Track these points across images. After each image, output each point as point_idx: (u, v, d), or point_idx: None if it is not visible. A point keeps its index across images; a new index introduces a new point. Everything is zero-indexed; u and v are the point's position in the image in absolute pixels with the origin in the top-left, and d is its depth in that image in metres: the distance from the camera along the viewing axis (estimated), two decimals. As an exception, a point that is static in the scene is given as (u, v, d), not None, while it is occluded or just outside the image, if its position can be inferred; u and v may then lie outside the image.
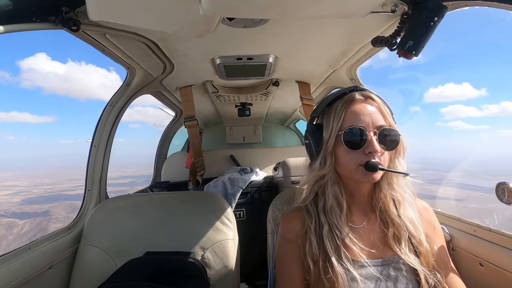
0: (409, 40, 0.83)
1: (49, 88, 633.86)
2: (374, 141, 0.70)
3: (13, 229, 51.85)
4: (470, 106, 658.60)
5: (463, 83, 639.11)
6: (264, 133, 3.29)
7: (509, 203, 0.79)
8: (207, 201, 1.23)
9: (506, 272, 0.79)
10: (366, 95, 0.76)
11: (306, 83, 1.79)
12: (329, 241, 0.72)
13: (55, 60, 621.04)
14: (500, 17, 39.08)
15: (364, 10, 0.75)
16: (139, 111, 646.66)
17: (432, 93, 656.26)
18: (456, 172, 2.89)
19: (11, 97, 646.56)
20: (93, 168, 1.36)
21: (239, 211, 1.96)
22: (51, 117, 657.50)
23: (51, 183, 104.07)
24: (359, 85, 0.83)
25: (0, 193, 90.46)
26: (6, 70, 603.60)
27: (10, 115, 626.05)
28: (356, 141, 0.71)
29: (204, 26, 0.83)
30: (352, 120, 0.73)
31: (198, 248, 1.10)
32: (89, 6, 0.72)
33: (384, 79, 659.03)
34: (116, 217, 1.18)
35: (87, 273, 1.09)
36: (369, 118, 0.72)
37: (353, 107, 0.74)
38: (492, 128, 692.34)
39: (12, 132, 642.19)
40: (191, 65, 1.46)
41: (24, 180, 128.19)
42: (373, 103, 0.75)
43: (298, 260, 0.76)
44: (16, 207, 64.65)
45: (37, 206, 61.14)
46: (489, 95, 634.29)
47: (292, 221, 0.81)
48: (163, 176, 2.54)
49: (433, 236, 0.79)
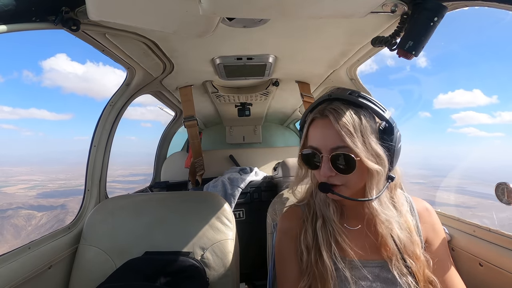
0: (409, 40, 0.83)
1: (68, 87, 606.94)
2: (324, 166, 0.67)
3: (31, 221, 52.29)
4: (482, 113, 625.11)
5: (474, 89, 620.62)
6: (264, 133, 3.29)
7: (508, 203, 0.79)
8: (207, 201, 1.22)
9: (506, 272, 0.79)
10: (327, 111, 0.68)
11: (306, 83, 1.79)
12: (322, 234, 0.74)
13: (74, 60, 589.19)
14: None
15: (364, 10, 0.75)
16: (151, 111, 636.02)
17: (441, 99, 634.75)
18: (468, 179, 2.87)
19: (32, 95, 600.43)
20: (93, 168, 1.36)
21: (238, 211, 1.96)
22: (68, 115, 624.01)
23: (65, 178, 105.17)
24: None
25: (17, 186, 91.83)
26: (30, 70, 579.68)
27: (29, 111, 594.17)
28: (311, 164, 0.72)
29: (204, 26, 0.83)
30: (310, 139, 0.72)
31: (197, 248, 1.10)
32: (89, 6, 0.72)
33: (387, 82, 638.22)
34: (116, 217, 1.18)
35: (86, 273, 1.09)
36: (324, 139, 0.69)
37: (313, 126, 0.72)
38: (507, 136, 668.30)
39: (29, 128, 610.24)
40: (191, 65, 1.46)
41: (40, 174, 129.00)
42: (333, 121, 0.66)
43: (296, 254, 0.78)
44: (33, 200, 65.46)
45: (52, 200, 62.03)
46: (500, 103, 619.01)
47: (291, 216, 0.83)
48: (163, 176, 2.54)
49: (434, 239, 0.79)
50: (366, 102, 0.69)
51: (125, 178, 71.78)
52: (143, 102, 33.56)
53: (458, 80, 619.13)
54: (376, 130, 0.69)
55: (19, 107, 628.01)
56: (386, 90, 47.67)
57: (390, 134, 0.69)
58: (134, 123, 35.78)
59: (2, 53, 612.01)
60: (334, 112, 0.67)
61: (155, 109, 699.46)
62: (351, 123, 0.66)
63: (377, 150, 0.66)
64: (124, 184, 59.44)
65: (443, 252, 0.78)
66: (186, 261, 1.00)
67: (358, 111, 0.68)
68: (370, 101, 0.69)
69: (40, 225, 53.35)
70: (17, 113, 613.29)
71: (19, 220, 51.40)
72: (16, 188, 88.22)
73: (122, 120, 1.47)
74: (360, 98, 0.69)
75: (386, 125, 0.69)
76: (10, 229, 53.06)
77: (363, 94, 0.71)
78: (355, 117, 0.66)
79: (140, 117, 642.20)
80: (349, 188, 0.70)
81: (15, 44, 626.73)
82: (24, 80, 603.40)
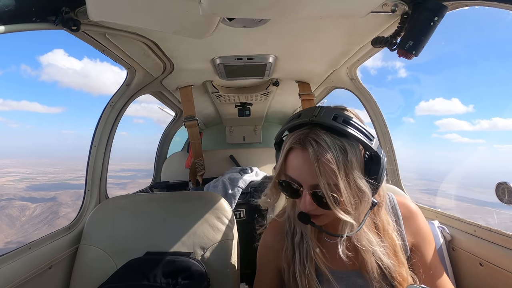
0: (409, 40, 0.83)
1: (65, 82, 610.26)
2: (305, 201, 0.63)
3: (25, 211, 52.44)
4: (463, 120, 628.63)
5: (452, 98, 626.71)
6: (264, 133, 3.29)
7: (509, 203, 0.79)
8: (207, 201, 1.22)
9: (506, 272, 0.79)
10: (308, 143, 0.61)
11: (306, 83, 1.79)
12: (299, 250, 0.74)
13: (71, 56, 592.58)
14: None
15: (364, 10, 0.74)
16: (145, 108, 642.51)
17: (422, 106, 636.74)
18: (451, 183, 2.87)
19: (26, 88, 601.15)
20: (93, 168, 1.36)
21: (239, 211, 1.96)
22: (60, 108, 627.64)
23: (54, 172, 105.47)
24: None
25: (5, 178, 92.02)
26: (28, 64, 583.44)
27: (21, 104, 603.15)
28: (289, 193, 0.67)
29: (204, 26, 0.83)
30: (289, 168, 0.65)
31: (198, 248, 1.10)
32: (89, 6, 0.72)
33: (383, 82, 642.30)
34: (116, 217, 1.18)
35: (87, 273, 1.09)
36: (304, 174, 0.62)
37: (291, 155, 0.65)
38: (488, 143, 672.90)
39: (16, 121, 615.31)
40: (191, 65, 1.46)
41: (28, 167, 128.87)
42: (312, 157, 0.59)
43: (275, 267, 0.81)
44: (24, 193, 65.70)
45: (43, 193, 62.44)
46: (476, 112, 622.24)
47: (274, 231, 0.83)
48: (163, 176, 2.54)
49: (420, 243, 0.76)
50: (352, 131, 0.61)
51: (116, 174, 71.62)
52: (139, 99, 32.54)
53: (438, 88, 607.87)
54: (361, 162, 0.63)
55: (10, 99, 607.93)
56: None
57: (376, 165, 0.63)
58: (126, 118, 34.75)
59: (2, 53, 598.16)
60: (316, 145, 0.60)
61: (148, 106, 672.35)
62: (335, 160, 0.59)
63: (361, 186, 0.61)
64: (115, 179, 59.58)
65: (431, 256, 0.75)
66: (186, 261, 1.01)
67: (342, 141, 0.61)
68: (356, 128, 0.62)
69: (35, 216, 53.54)
70: (8, 104, 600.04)
71: (13, 210, 51.70)
72: (4, 180, 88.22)
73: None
74: (346, 125, 0.61)
75: (373, 154, 0.63)
76: (5, 219, 53.18)
77: (348, 118, 0.63)
78: (339, 152, 0.59)
79: (134, 113, 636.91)
80: (329, 217, 0.67)
81: (15, 43, 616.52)
82: (22, 74, 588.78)
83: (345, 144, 0.61)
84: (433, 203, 1.33)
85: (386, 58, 31.32)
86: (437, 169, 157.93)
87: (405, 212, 0.78)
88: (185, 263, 1.00)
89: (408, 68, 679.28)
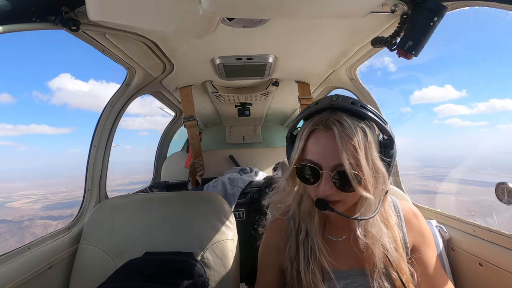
0: (409, 40, 0.83)
1: (74, 104, 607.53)
2: (325, 184, 0.63)
3: (48, 229, 52.93)
4: (460, 105, 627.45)
5: (445, 85, 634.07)
6: (264, 133, 3.29)
7: (509, 203, 0.79)
8: (207, 201, 1.22)
9: (505, 272, 0.79)
10: (331, 122, 0.63)
11: (306, 83, 1.79)
12: (304, 247, 0.73)
13: (78, 79, 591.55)
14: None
15: (364, 10, 0.75)
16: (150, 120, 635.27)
17: (416, 95, 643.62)
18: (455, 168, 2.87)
19: (36, 112, 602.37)
20: (92, 168, 1.36)
21: (238, 211, 1.95)
22: (69, 128, 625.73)
23: (66, 190, 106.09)
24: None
25: (20, 201, 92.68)
26: (39, 90, 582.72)
27: (29, 127, 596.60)
28: (309, 179, 0.66)
29: (204, 26, 0.83)
30: (309, 152, 0.66)
31: (197, 248, 1.10)
32: (89, 6, 0.72)
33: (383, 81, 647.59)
34: (116, 217, 1.18)
35: (86, 273, 1.09)
36: (326, 155, 0.63)
37: (313, 137, 0.66)
38: (491, 124, 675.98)
39: (25, 144, 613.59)
40: (191, 65, 1.46)
41: (40, 188, 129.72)
42: (337, 135, 0.61)
43: (277, 266, 0.80)
44: (42, 212, 66.18)
45: (60, 211, 62.94)
46: (469, 96, 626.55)
47: (277, 230, 0.83)
48: (163, 176, 2.54)
49: (421, 244, 0.76)
50: (370, 113, 0.65)
51: (125, 187, 72.65)
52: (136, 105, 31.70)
53: (429, 76, 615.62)
54: (377, 144, 0.66)
55: (19, 124, 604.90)
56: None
57: (390, 148, 0.67)
58: (131, 132, 33.99)
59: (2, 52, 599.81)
60: (339, 124, 0.62)
61: (152, 119, 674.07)
62: (357, 140, 0.61)
63: (379, 166, 0.63)
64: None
65: (432, 258, 0.76)
66: (186, 261, 1.00)
67: (361, 123, 0.64)
68: (373, 113, 0.66)
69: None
70: (18, 129, 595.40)
71: (37, 229, 52.21)
72: (20, 202, 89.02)
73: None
74: (363, 109, 0.65)
75: (387, 138, 0.67)
76: (30, 238, 53.68)
77: (364, 104, 0.67)
78: (359, 131, 0.62)
79: (139, 126, 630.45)
80: (346, 204, 0.67)
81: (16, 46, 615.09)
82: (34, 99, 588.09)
83: (364, 126, 0.64)
84: (437, 189, 1.33)
85: (376, 55, 31.24)
86: (443, 155, 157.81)
87: (407, 213, 0.79)
88: (184, 263, 1.00)
89: (397, 62, 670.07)
